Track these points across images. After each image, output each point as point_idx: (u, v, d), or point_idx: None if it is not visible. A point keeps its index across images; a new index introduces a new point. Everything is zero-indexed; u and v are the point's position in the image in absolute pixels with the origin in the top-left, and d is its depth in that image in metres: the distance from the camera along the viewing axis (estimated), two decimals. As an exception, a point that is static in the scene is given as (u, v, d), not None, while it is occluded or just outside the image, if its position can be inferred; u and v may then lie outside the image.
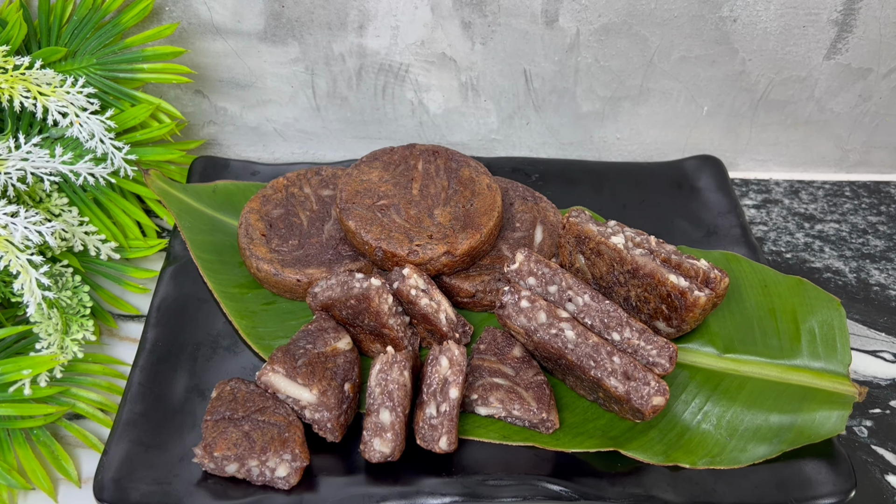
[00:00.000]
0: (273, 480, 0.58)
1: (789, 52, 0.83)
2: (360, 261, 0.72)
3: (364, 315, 0.64)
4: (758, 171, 0.95)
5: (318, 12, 0.80)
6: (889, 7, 0.79)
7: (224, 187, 0.82)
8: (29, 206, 0.71)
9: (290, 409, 0.61)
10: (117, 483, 0.58)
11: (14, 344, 0.68)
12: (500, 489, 0.59)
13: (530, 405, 0.62)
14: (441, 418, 0.59)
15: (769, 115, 0.89)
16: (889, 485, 0.65)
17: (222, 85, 0.87)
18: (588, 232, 0.65)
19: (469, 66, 0.85)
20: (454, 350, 0.59)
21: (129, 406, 0.63)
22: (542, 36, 0.82)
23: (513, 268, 0.65)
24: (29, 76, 0.69)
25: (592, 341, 0.60)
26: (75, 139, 0.74)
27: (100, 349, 0.74)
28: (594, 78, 0.86)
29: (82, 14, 0.76)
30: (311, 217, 0.76)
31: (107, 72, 0.77)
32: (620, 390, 0.59)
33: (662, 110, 0.89)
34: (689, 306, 0.62)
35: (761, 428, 0.62)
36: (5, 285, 0.70)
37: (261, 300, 0.73)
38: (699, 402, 0.65)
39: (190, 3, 0.79)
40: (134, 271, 0.77)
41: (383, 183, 0.74)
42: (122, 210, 0.79)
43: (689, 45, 0.83)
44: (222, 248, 0.76)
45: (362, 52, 0.83)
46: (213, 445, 0.58)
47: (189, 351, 0.68)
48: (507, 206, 0.78)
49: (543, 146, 0.93)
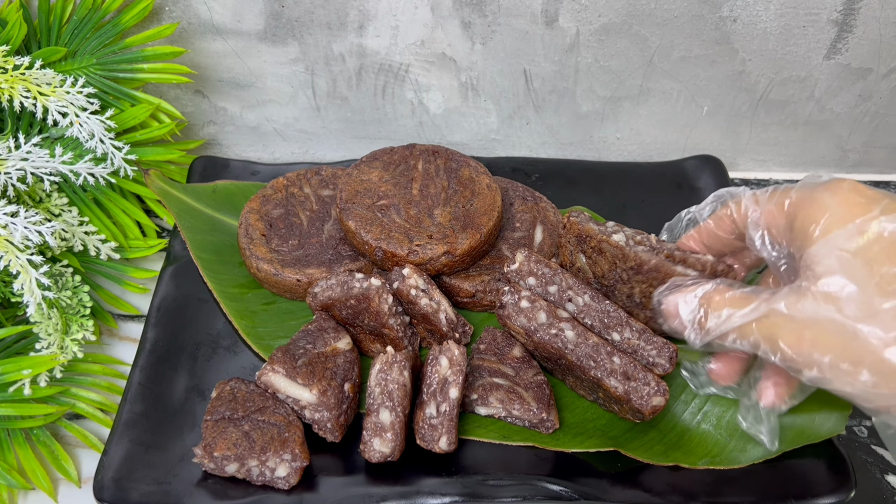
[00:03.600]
0: (273, 480, 0.58)
1: (789, 52, 0.83)
2: (360, 261, 0.72)
3: (364, 315, 0.64)
4: (758, 171, 0.95)
5: (318, 12, 0.80)
6: (889, 7, 0.79)
7: (224, 187, 0.82)
8: (29, 206, 0.71)
9: (290, 409, 0.61)
10: (117, 483, 0.58)
11: (14, 344, 0.68)
12: (500, 489, 0.59)
13: (530, 405, 0.62)
14: (441, 418, 0.59)
15: (769, 115, 0.89)
16: (889, 485, 0.65)
17: (222, 85, 0.87)
18: (589, 231, 0.65)
19: (469, 66, 0.85)
20: (454, 350, 0.59)
21: (129, 406, 0.63)
22: (542, 36, 0.82)
23: (513, 268, 0.65)
24: (29, 76, 0.69)
25: (592, 341, 0.60)
26: (75, 139, 0.74)
27: (100, 349, 0.74)
28: (594, 78, 0.86)
29: (82, 14, 0.76)
30: (311, 217, 0.76)
31: (107, 72, 0.77)
32: (620, 390, 0.59)
33: (662, 110, 0.89)
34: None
35: (761, 428, 0.63)
36: (5, 285, 0.70)
37: (261, 300, 0.73)
38: (699, 402, 0.65)
39: (190, 3, 0.79)
40: (134, 271, 0.77)
41: (383, 183, 0.74)
42: (122, 210, 0.79)
43: (689, 45, 0.83)
44: (222, 248, 0.76)
45: (362, 52, 0.83)
46: (213, 445, 0.58)
47: (189, 351, 0.68)
48: (507, 206, 0.78)
49: (543, 146, 0.93)
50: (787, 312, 0.47)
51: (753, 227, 0.54)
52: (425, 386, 0.60)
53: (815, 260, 0.47)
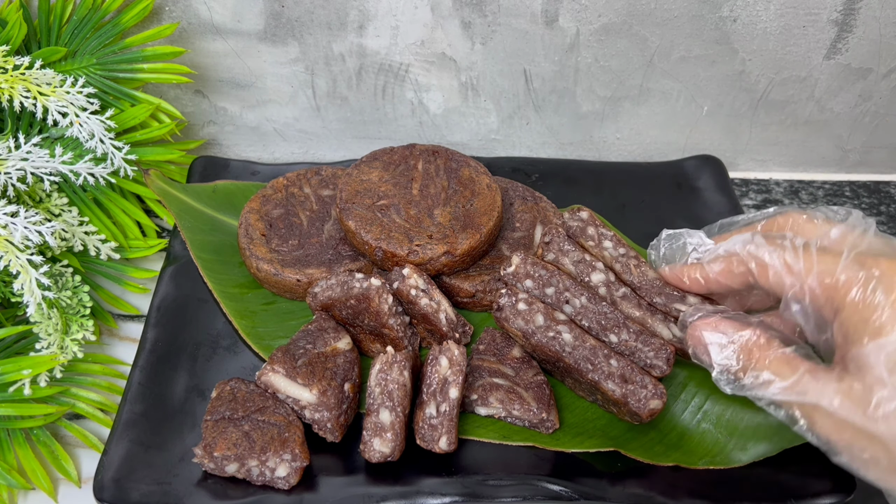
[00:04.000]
0: (273, 480, 0.58)
1: (789, 52, 0.83)
2: (360, 261, 0.72)
3: (364, 315, 0.64)
4: (758, 171, 0.95)
5: (318, 12, 0.80)
6: (889, 7, 0.79)
7: (224, 187, 0.82)
8: (29, 206, 0.71)
9: (290, 409, 0.61)
10: (117, 483, 0.58)
11: (14, 344, 0.68)
12: (500, 489, 0.59)
13: (530, 405, 0.62)
14: (441, 418, 0.59)
15: (769, 115, 0.89)
16: (889, 485, 0.65)
17: (222, 85, 0.87)
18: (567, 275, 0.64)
19: (469, 66, 0.85)
20: (454, 350, 0.59)
21: (129, 406, 0.63)
22: (542, 36, 0.82)
23: (509, 270, 0.65)
24: (29, 76, 0.69)
25: (590, 344, 0.60)
26: (75, 139, 0.74)
27: (100, 349, 0.74)
28: (594, 78, 0.86)
29: (82, 14, 0.76)
30: (311, 217, 0.76)
31: (107, 72, 0.77)
32: (618, 393, 0.59)
33: (662, 110, 0.89)
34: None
35: (761, 426, 0.62)
36: (5, 285, 0.70)
37: (261, 300, 0.73)
38: (698, 402, 0.65)
39: (190, 3, 0.79)
40: (134, 271, 0.77)
41: (383, 183, 0.74)
42: (122, 210, 0.79)
43: (689, 45, 0.83)
44: (222, 248, 0.76)
45: (362, 52, 0.83)
46: (213, 445, 0.58)
47: (189, 351, 0.68)
48: (507, 206, 0.78)
49: (543, 146, 0.93)
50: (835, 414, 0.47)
51: (794, 300, 0.51)
52: (425, 386, 0.60)
53: (864, 364, 0.46)
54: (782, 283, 0.51)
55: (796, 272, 0.50)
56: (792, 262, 0.51)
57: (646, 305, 0.63)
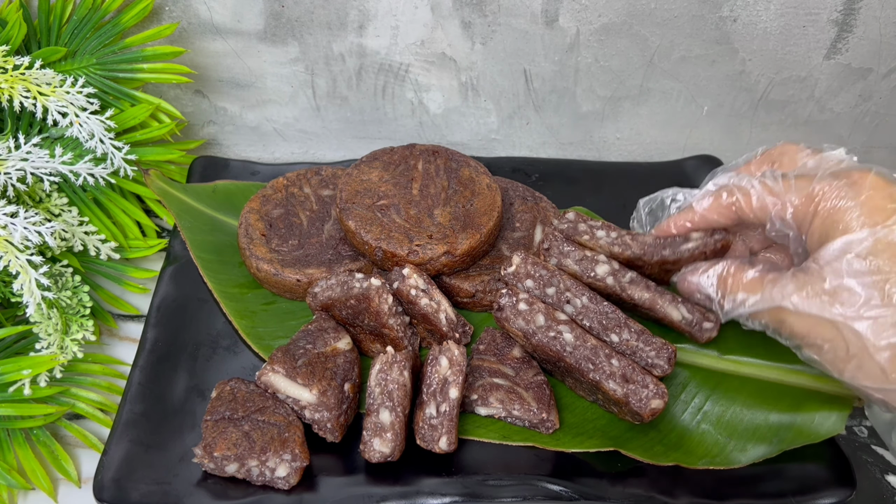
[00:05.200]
0: (273, 480, 0.58)
1: (789, 52, 0.83)
2: (360, 261, 0.72)
3: (364, 315, 0.64)
4: (758, 171, 0.95)
5: (318, 12, 0.80)
6: (889, 7, 0.79)
7: (224, 187, 0.82)
8: (29, 207, 0.71)
9: (290, 409, 0.61)
10: (117, 483, 0.58)
11: (14, 344, 0.68)
12: (500, 489, 0.59)
13: (530, 405, 0.62)
14: (441, 418, 0.59)
15: (769, 115, 0.89)
16: (889, 485, 0.65)
17: (222, 85, 0.87)
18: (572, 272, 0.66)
19: (469, 66, 0.85)
20: (454, 350, 0.59)
21: (129, 406, 0.63)
22: (542, 36, 0.82)
23: (510, 270, 0.65)
24: (29, 76, 0.69)
25: (591, 343, 0.60)
26: (75, 139, 0.74)
27: (100, 349, 0.74)
28: (594, 78, 0.86)
29: (82, 14, 0.76)
30: (311, 217, 0.76)
31: (107, 72, 0.77)
32: (619, 393, 0.59)
33: (662, 110, 0.89)
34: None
35: (760, 427, 0.62)
36: (5, 285, 0.70)
37: (261, 300, 0.73)
38: (699, 402, 0.65)
39: (190, 3, 0.79)
40: (134, 271, 0.77)
41: (383, 183, 0.74)
42: (122, 210, 0.79)
43: (689, 45, 0.83)
44: (222, 248, 0.76)
45: (362, 52, 0.83)
46: (213, 445, 0.58)
47: (189, 351, 0.68)
48: (507, 206, 0.78)
49: (543, 146, 0.93)
50: (795, 310, 0.52)
51: (777, 218, 0.55)
52: (425, 386, 0.60)
53: (826, 259, 0.51)
54: (766, 208, 0.56)
55: (777, 192, 0.55)
56: (772, 185, 0.55)
57: (654, 287, 0.64)
